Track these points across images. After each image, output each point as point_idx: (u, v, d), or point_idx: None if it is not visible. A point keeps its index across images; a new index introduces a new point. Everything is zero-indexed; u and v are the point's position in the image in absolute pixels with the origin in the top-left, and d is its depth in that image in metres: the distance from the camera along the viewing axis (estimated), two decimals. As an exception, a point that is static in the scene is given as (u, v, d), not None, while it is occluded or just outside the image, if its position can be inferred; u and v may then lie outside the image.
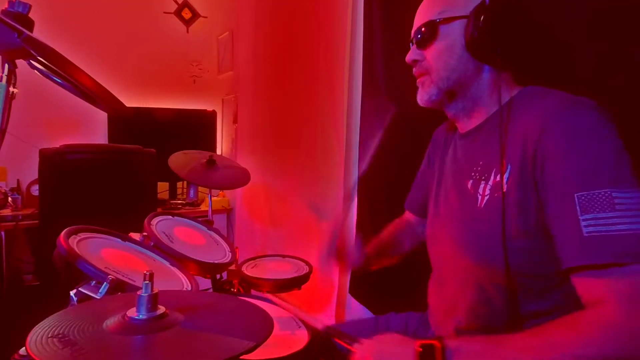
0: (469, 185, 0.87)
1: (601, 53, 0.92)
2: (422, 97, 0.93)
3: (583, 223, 0.65)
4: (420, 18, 0.92)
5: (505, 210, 0.76)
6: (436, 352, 0.66)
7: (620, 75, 0.89)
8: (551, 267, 0.73)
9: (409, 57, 0.93)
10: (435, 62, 0.89)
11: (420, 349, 0.68)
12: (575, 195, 0.66)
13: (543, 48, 1.01)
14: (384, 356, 0.73)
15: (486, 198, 0.82)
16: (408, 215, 1.26)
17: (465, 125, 0.94)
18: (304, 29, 2.28)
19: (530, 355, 0.64)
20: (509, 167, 0.77)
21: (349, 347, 0.80)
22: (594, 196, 0.65)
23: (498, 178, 0.80)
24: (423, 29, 0.89)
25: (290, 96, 2.44)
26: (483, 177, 0.84)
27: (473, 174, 0.87)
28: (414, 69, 0.94)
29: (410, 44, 0.95)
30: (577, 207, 0.66)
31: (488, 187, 0.82)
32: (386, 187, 1.69)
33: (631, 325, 0.59)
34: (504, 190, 0.77)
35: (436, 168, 1.06)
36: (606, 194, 0.64)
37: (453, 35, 0.86)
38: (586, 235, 0.64)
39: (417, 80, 0.94)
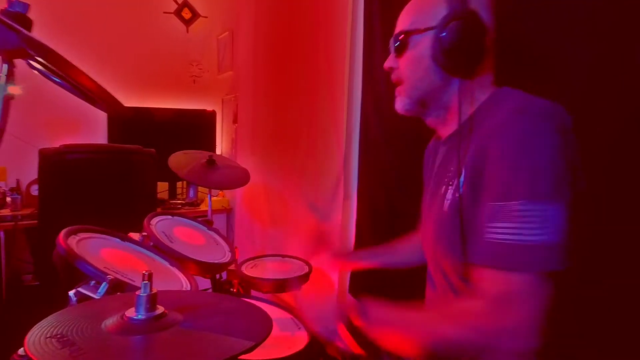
0: (442, 190, 0.90)
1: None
2: (397, 106, 0.95)
3: (487, 229, 0.72)
4: (397, 26, 0.93)
5: (459, 214, 0.81)
6: (354, 304, 0.78)
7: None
8: None
9: (386, 64, 0.95)
10: (406, 72, 0.91)
11: (342, 301, 0.80)
12: (489, 204, 0.73)
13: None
14: (314, 307, 0.84)
15: (448, 202, 0.85)
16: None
17: (444, 132, 0.96)
18: (304, 29, 2.28)
19: (415, 325, 0.77)
20: (464, 171, 0.81)
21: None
22: (504, 207, 0.71)
23: (457, 182, 0.83)
24: (399, 38, 0.90)
25: (290, 96, 2.44)
26: (451, 183, 0.87)
27: (446, 179, 0.90)
28: (391, 76, 0.96)
29: (390, 51, 0.96)
30: (488, 214, 0.73)
31: (450, 190, 0.85)
32: (386, 187, 1.69)
33: (490, 321, 0.70)
34: (459, 193, 0.81)
35: (428, 177, 1.08)
36: (513, 206, 0.70)
37: (422, 47, 0.87)
38: (486, 239, 0.72)
39: (396, 89, 0.95)
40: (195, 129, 3.27)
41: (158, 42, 3.34)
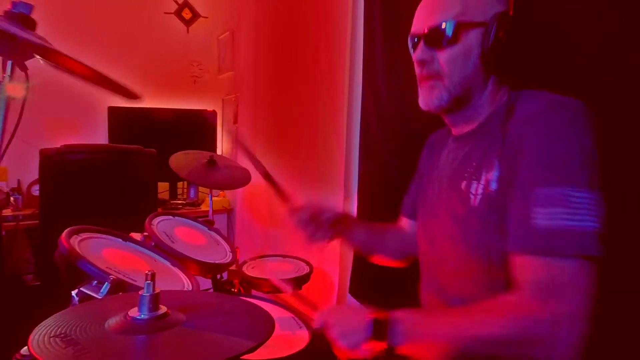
0: (463, 186, 0.87)
1: (598, 55, 0.92)
2: (430, 101, 0.88)
3: (535, 214, 0.70)
4: (433, 15, 0.85)
5: (496, 208, 0.78)
6: (384, 322, 0.74)
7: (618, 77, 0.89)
8: None
9: (418, 55, 0.87)
10: (449, 67, 0.84)
11: (372, 319, 0.75)
12: (534, 190, 0.71)
13: (551, 57, 0.99)
14: (341, 323, 0.80)
15: (479, 197, 0.82)
16: (404, 222, 1.24)
17: (461, 129, 0.94)
18: (304, 29, 2.28)
19: (454, 330, 0.72)
20: (497, 164, 0.79)
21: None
22: (549, 193, 0.69)
23: (489, 176, 0.81)
24: (442, 27, 0.82)
25: (290, 96, 2.44)
26: (474, 177, 0.84)
27: (466, 174, 0.87)
28: (419, 69, 0.89)
29: (413, 41, 0.91)
30: (534, 201, 0.70)
31: (480, 186, 0.82)
32: (386, 187, 1.69)
33: (544, 310, 0.66)
34: (493, 188, 0.79)
35: (432, 172, 1.06)
36: (561, 192, 0.69)
37: (471, 42, 0.82)
38: (534, 225, 0.69)
39: (423, 83, 0.89)
40: (195, 129, 3.27)
41: (158, 43, 3.34)
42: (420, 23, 0.88)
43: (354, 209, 1.92)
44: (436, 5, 0.86)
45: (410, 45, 0.93)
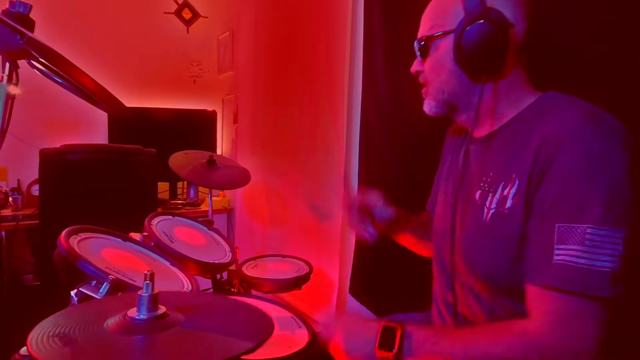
0: (477, 196, 0.85)
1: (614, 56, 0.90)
2: (425, 108, 0.93)
3: (555, 250, 0.69)
4: (420, 29, 0.91)
5: (508, 226, 0.77)
6: (396, 333, 0.74)
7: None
8: None
9: (413, 68, 0.94)
10: (430, 75, 0.90)
11: (382, 330, 0.75)
12: (557, 224, 0.70)
13: (551, 55, 0.98)
14: (349, 334, 0.79)
15: (492, 212, 0.81)
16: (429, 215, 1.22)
17: (477, 132, 0.92)
18: (304, 29, 2.28)
19: (461, 351, 0.72)
20: (517, 181, 0.76)
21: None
22: (572, 229, 0.68)
23: (505, 192, 0.79)
24: (421, 41, 0.89)
25: (290, 96, 2.44)
26: (491, 189, 0.82)
27: (482, 184, 0.85)
28: (419, 78, 0.95)
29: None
30: (555, 236, 0.70)
31: (495, 200, 0.81)
32: (386, 187, 1.69)
33: (551, 342, 0.68)
34: (508, 205, 0.78)
35: (447, 168, 1.04)
36: (582, 230, 0.68)
37: (443, 50, 0.86)
38: (553, 260, 0.69)
39: (422, 91, 0.94)
40: (195, 129, 3.27)
41: (158, 42, 3.34)
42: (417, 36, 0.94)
43: (353, 209, 1.91)
44: (422, 20, 0.92)
45: None
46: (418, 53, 0.91)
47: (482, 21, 0.79)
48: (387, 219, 1.13)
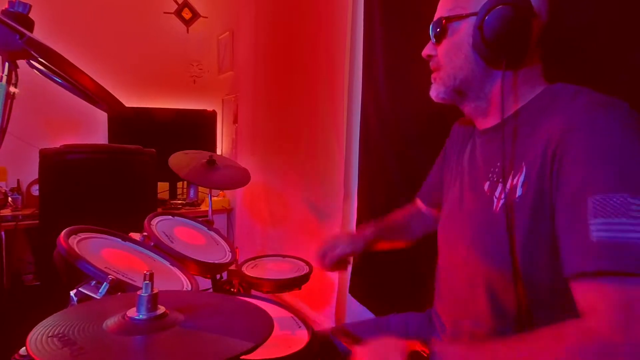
0: (486, 187, 0.84)
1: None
2: (432, 93, 0.91)
3: (592, 227, 0.61)
4: (438, 11, 0.88)
5: (519, 216, 0.74)
6: (423, 358, 0.67)
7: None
8: (565, 283, 0.67)
9: (425, 51, 0.91)
10: (444, 59, 0.87)
11: (410, 355, 0.69)
12: (589, 198, 0.62)
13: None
14: (377, 358, 0.74)
15: (501, 202, 0.79)
16: (419, 204, 1.23)
17: (483, 123, 0.91)
18: (304, 29, 2.28)
19: None
20: (524, 169, 0.74)
21: (350, 347, 0.80)
22: (609, 200, 0.61)
23: (515, 181, 0.77)
24: (438, 23, 0.86)
25: (290, 96, 2.44)
26: (500, 180, 0.81)
27: (490, 175, 0.84)
28: (430, 63, 0.92)
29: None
30: (589, 211, 0.61)
31: (505, 190, 0.79)
32: (386, 187, 1.69)
33: (622, 337, 0.56)
34: (518, 194, 0.75)
35: (453, 164, 1.03)
36: (623, 199, 0.60)
37: (461, 34, 0.83)
38: (594, 240, 0.60)
39: (432, 76, 0.92)
40: (195, 129, 3.27)
41: (158, 42, 3.34)
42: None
43: (354, 209, 1.92)
44: (440, 2, 0.90)
45: None
46: (432, 35, 0.88)
47: (508, 5, 0.76)
48: (362, 249, 1.15)
